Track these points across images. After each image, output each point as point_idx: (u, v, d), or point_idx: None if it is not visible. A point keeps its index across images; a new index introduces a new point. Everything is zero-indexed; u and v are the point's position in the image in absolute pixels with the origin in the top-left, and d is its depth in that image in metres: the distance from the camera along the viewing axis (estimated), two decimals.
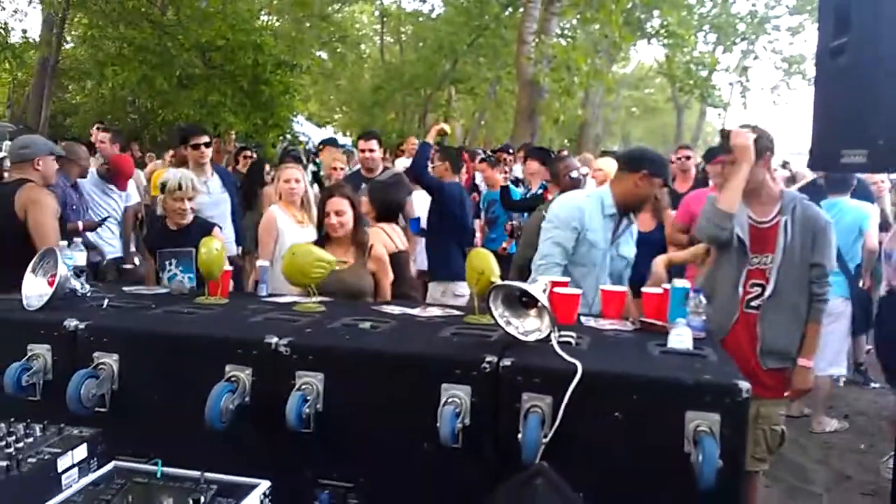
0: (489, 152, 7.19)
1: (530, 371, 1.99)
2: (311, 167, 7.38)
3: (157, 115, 12.12)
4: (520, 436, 1.88)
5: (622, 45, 12.86)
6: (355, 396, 2.10)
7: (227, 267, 2.90)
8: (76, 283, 2.55)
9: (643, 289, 2.74)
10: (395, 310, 2.76)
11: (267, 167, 7.71)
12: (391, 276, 3.51)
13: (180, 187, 3.54)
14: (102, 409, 2.18)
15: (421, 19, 23.43)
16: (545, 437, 1.90)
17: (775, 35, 24.09)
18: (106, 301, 2.60)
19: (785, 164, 9.72)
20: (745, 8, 23.86)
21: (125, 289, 3.04)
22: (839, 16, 2.05)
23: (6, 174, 4.09)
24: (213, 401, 2.01)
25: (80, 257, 3.03)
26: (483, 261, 2.56)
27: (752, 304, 3.02)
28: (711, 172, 4.40)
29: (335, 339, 2.21)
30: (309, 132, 14.98)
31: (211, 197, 4.69)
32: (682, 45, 13.10)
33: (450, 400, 1.99)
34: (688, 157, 6.06)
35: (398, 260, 3.90)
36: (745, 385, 1.86)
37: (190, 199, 3.60)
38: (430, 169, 5.16)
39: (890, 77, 1.82)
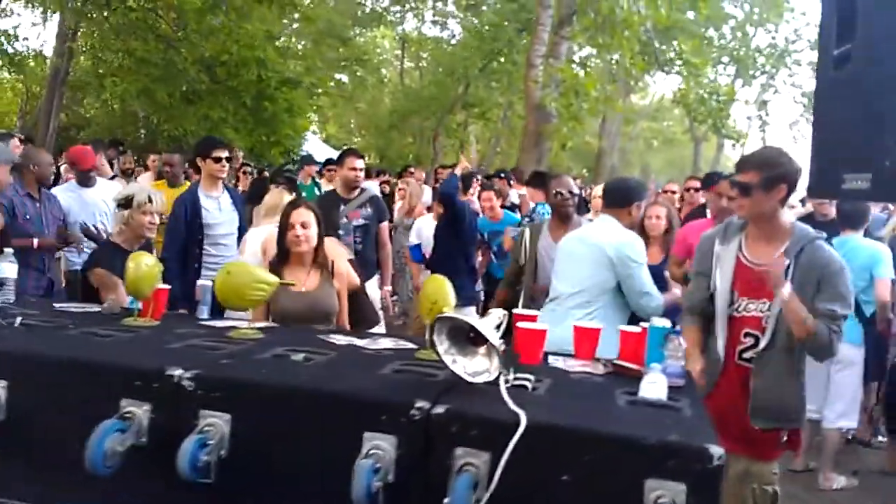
0: (484, 178, 6.92)
1: (467, 421, 1.69)
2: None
3: (163, 130, 12.01)
4: (447, 500, 1.57)
5: (634, 73, 12.60)
6: (265, 443, 1.80)
7: (163, 285, 2.63)
8: None
9: (620, 326, 2.44)
10: (343, 339, 2.47)
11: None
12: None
13: (150, 200, 3.30)
14: None
15: (444, 46, 23.45)
16: (478, 501, 1.60)
17: (795, 69, 23.80)
18: (19, 319, 2.33)
19: (803, 202, 9.36)
20: (765, 41, 23.47)
21: (56, 305, 2.78)
22: (843, 19, 1.76)
23: None
24: (96, 441, 1.72)
25: (9, 269, 2.79)
26: (438, 289, 2.28)
27: (745, 356, 2.68)
28: (708, 199, 4.11)
29: (251, 372, 1.92)
30: (326, 154, 14.79)
31: (222, 214, 4.40)
32: (696, 75, 12.85)
33: (370, 452, 1.68)
34: (696, 189, 5.76)
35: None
36: (717, 451, 1.54)
37: (160, 214, 3.38)
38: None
39: None
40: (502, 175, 7.87)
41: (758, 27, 23.41)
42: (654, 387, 1.95)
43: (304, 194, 7.70)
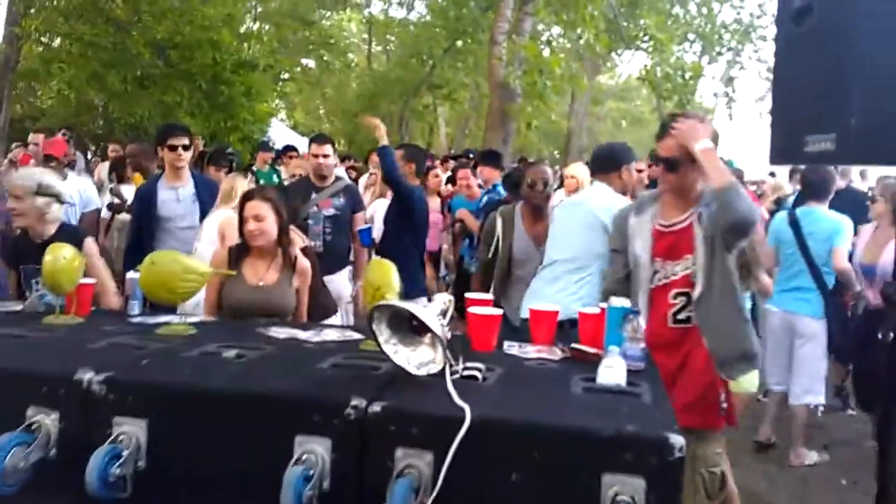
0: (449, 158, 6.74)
1: (407, 418, 1.53)
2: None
3: (118, 118, 11.60)
4: None
5: (599, 51, 12.44)
6: (187, 451, 1.63)
7: (86, 280, 2.43)
8: None
9: (579, 308, 2.30)
10: (283, 332, 2.30)
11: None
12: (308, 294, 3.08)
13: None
14: None
15: (410, 27, 23.08)
16: None
17: (761, 45, 23.82)
18: None
19: (773, 175, 9.32)
20: (730, 16, 23.44)
21: None
22: None
23: None
24: None
25: None
26: (382, 274, 2.12)
27: (680, 317, 2.62)
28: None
29: (170, 373, 1.74)
30: (292, 140, 14.43)
31: (180, 206, 4.17)
32: (661, 51, 12.74)
33: (303, 457, 1.52)
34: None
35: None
36: (678, 441, 1.41)
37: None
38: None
39: (869, 38, 1.38)
40: (470, 155, 7.70)
41: (723, 3, 23.39)
42: (611, 372, 1.82)
43: (261, 181, 7.48)
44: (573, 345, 2.13)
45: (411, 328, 1.78)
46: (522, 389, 1.77)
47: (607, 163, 3.41)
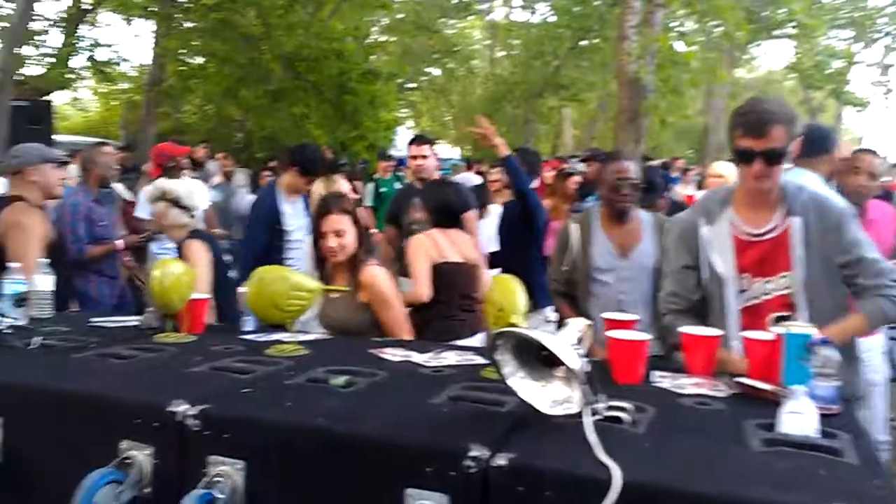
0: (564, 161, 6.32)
1: (538, 476, 1.25)
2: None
3: (253, 131, 12.07)
4: None
5: (737, 39, 11.48)
6: (289, 498, 1.43)
7: (200, 295, 2.32)
8: None
9: (743, 333, 1.92)
10: (398, 354, 2.08)
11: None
12: (394, 308, 2.72)
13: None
14: None
15: (533, 30, 22.73)
16: None
17: None
18: (38, 340, 2.06)
19: None
20: (884, 0, 21.28)
21: (93, 319, 2.52)
22: None
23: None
24: (84, 495, 1.39)
25: (44, 282, 2.56)
26: (505, 292, 1.84)
27: None
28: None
29: (271, 407, 1.54)
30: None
31: (297, 219, 4.19)
32: (810, 37, 11.64)
33: None
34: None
35: (444, 272, 3.21)
36: None
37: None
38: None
39: None
40: (597, 157, 7.25)
41: None
42: (799, 419, 1.44)
43: (383, 189, 7.40)
44: (740, 378, 1.75)
45: (541, 359, 1.50)
46: (682, 439, 1.43)
47: (818, 144, 2.88)
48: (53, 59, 11.09)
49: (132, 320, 2.49)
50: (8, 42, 6.80)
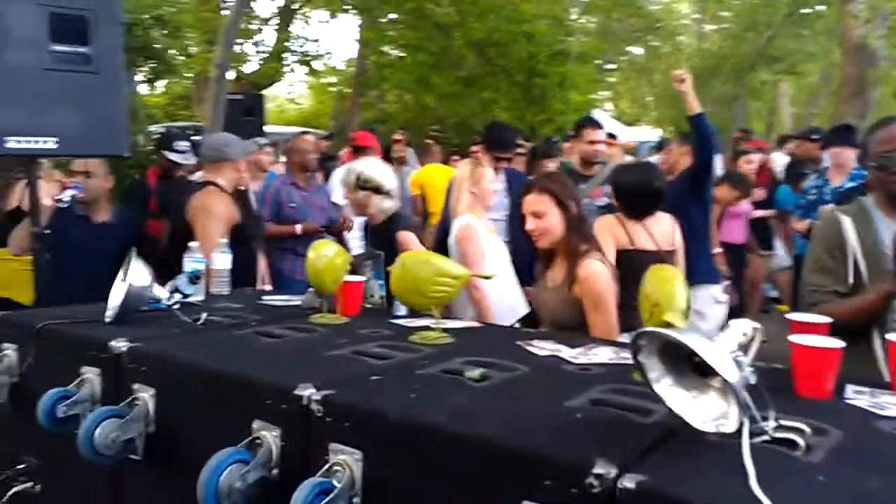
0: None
1: None
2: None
3: (445, 117, 12.34)
4: None
5: None
6: (405, 498, 1.35)
7: (352, 277, 2.33)
8: (161, 293, 2.17)
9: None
10: (546, 348, 1.93)
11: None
12: (606, 312, 2.50)
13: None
14: (135, 457, 1.75)
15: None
16: None
17: None
18: (204, 316, 2.18)
19: None
20: None
21: (264, 298, 2.65)
22: None
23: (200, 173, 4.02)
24: (210, 473, 1.42)
25: (222, 260, 2.73)
26: (663, 285, 1.62)
27: None
28: None
29: (393, 398, 1.47)
30: (615, 131, 14.02)
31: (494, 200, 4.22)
32: None
33: None
34: None
35: (628, 259, 3.00)
36: None
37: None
38: (665, 154, 4.09)
39: None
40: (813, 136, 6.46)
41: None
42: None
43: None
44: None
45: (693, 365, 1.28)
46: (870, 476, 1.14)
47: None
48: (267, 55, 12.10)
49: (297, 300, 2.57)
50: (224, 40, 7.49)
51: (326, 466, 1.39)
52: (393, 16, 12.99)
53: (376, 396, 1.49)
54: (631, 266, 2.98)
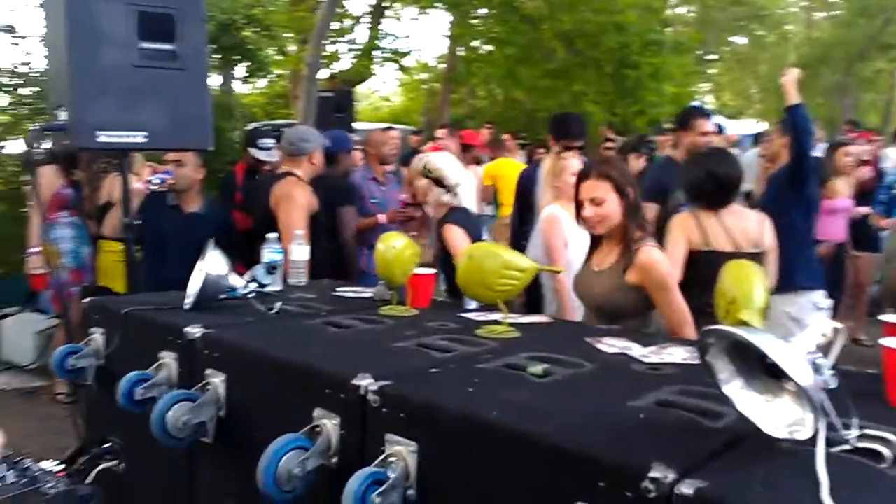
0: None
1: None
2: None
3: (534, 111, 12.19)
4: None
5: None
6: (460, 492, 1.33)
7: (422, 270, 2.32)
8: (237, 282, 2.22)
9: None
10: (616, 345, 1.85)
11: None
12: (675, 293, 2.48)
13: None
14: (206, 440, 1.80)
15: None
16: None
17: None
18: (278, 305, 2.23)
19: None
20: None
21: (338, 289, 2.68)
22: None
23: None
24: (269, 459, 1.44)
25: (300, 252, 2.78)
26: (740, 281, 1.52)
27: None
28: None
29: (450, 391, 1.45)
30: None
31: None
32: None
33: None
34: None
35: (702, 261, 2.85)
36: None
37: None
38: (766, 145, 3.85)
39: None
40: None
41: None
42: None
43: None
44: None
45: (766, 368, 1.19)
46: None
47: None
48: (359, 53, 12.32)
49: (369, 292, 2.59)
50: (315, 38, 7.67)
51: (382, 457, 1.38)
52: (482, 11, 12.98)
53: (433, 389, 1.47)
54: (704, 269, 2.79)
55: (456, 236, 3.13)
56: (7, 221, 6.76)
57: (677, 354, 1.79)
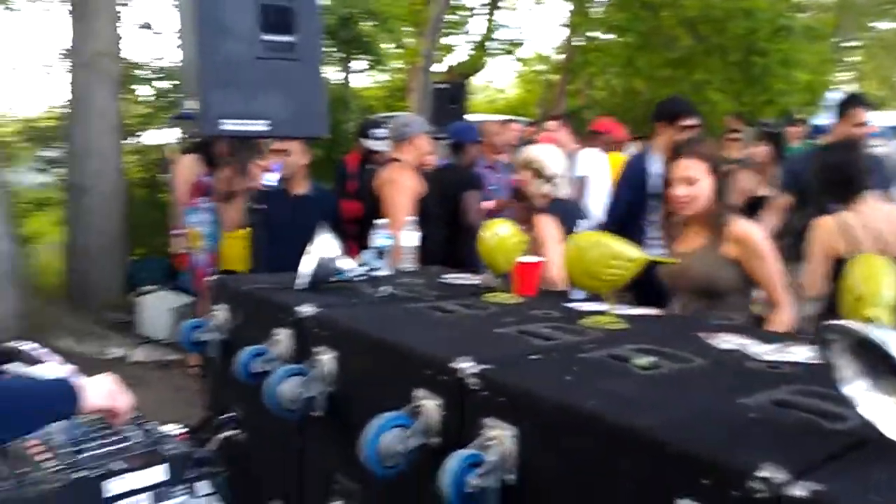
0: None
1: None
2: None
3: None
4: None
5: None
6: (557, 479, 1.31)
7: (528, 258, 2.30)
8: (348, 265, 2.29)
9: None
10: (731, 341, 1.77)
11: None
12: (772, 263, 2.46)
13: None
14: (315, 414, 1.87)
15: None
16: None
17: None
18: (388, 289, 2.28)
19: None
20: None
21: (445, 276, 2.71)
22: None
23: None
24: (370, 435, 1.48)
25: (409, 238, 2.83)
26: (868, 275, 1.41)
27: None
28: None
29: (548, 378, 1.43)
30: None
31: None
32: None
33: None
34: None
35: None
36: None
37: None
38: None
39: None
40: None
41: None
42: None
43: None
44: None
45: (893, 369, 1.09)
46: None
47: None
48: (474, 45, 12.36)
49: (477, 279, 2.61)
50: (430, 31, 7.77)
51: (480, 440, 1.39)
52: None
53: (530, 375, 1.46)
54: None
55: (546, 226, 3.11)
56: (147, 207, 7.30)
57: (800, 353, 1.68)
